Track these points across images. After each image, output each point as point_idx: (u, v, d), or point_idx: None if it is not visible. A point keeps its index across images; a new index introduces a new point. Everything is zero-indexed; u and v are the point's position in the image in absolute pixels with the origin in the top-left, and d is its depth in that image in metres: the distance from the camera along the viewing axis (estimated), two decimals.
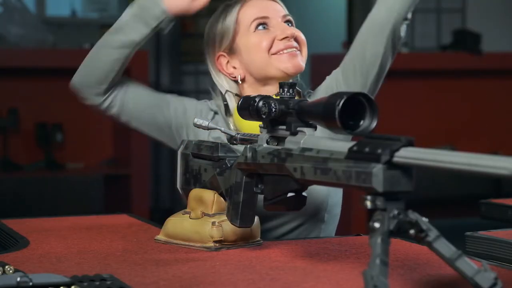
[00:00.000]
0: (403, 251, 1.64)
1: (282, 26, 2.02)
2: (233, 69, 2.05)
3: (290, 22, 2.06)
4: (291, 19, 2.07)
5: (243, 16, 2.03)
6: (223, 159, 1.73)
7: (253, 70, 2.02)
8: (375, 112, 1.35)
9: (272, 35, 2.01)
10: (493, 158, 1.09)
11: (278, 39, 2.00)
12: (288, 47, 2.00)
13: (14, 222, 2.00)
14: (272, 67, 2.00)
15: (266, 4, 2.05)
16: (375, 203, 1.21)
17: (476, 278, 1.18)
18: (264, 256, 1.62)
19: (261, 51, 2.00)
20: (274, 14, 2.03)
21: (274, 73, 2.00)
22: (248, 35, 2.02)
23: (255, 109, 1.54)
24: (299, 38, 2.04)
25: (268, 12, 2.03)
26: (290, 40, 2.01)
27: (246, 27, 2.02)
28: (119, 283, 1.35)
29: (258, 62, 2.01)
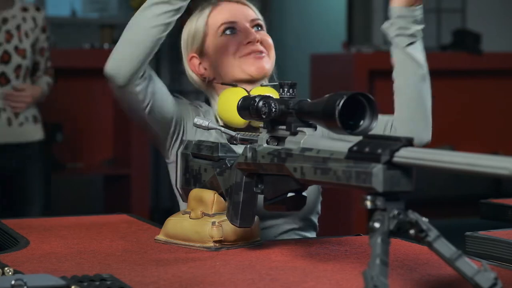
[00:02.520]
0: (403, 251, 1.64)
1: (248, 30, 2.06)
2: (204, 70, 2.10)
3: (259, 26, 2.10)
4: (260, 23, 2.10)
5: (213, 20, 2.08)
6: (223, 159, 1.73)
7: (220, 72, 2.07)
8: (375, 112, 1.36)
9: (239, 39, 2.05)
10: (493, 158, 1.09)
11: (243, 44, 2.04)
12: (253, 52, 2.04)
13: (14, 222, 2.00)
14: (238, 69, 2.04)
15: (235, 9, 2.09)
16: (375, 203, 1.21)
17: (476, 278, 1.18)
18: (264, 256, 1.62)
19: (228, 54, 2.04)
20: (242, 19, 2.07)
21: (240, 75, 2.04)
22: (216, 39, 2.06)
23: (255, 109, 1.54)
24: (265, 42, 2.07)
25: (236, 16, 2.07)
26: (254, 44, 2.04)
27: (215, 31, 2.07)
28: (119, 283, 1.35)
29: (224, 65, 2.05)
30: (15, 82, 3.76)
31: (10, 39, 3.76)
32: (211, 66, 2.08)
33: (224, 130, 1.75)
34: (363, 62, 5.92)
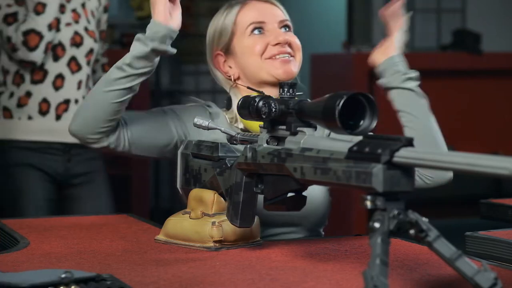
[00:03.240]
0: (403, 251, 1.64)
1: (276, 31, 2.03)
2: (229, 68, 2.06)
3: (287, 27, 2.07)
4: (288, 24, 2.08)
5: (241, 18, 2.04)
6: (223, 159, 1.73)
7: (246, 72, 2.03)
8: (375, 112, 1.36)
9: (267, 40, 2.02)
10: (493, 158, 1.09)
11: (271, 44, 2.01)
12: (281, 53, 2.01)
13: (14, 222, 2.00)
14: (264, 71, 2.01)
15: (264, 8, 2.06)
16: (375, 203, 1.21)
17: (476, 278, 1.18)
18: (264, 256, 1.62)
19: (254, 55, 2.01)
20: (270, 19, 2.04)
21: (266, 77, 2.01)
22: (244, 38, 2.03)
23: (255, 109, 1.54)
24: (294, 44, 2.04)
25: (265, 16, 2.04)
26: (283, 46, 2.01)
27: (243, 30, 2.03)
28: (119, 283, 1.35)
29: (251, 65, 2.02)
30: (86, 69, 3.02)
31: (78, 19, 3.04)
32: (237, 65, 2.04)
33: (224, 130, 1.74)
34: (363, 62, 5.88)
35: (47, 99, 2.95)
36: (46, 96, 2.95)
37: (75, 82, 2.98)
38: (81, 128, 1.92)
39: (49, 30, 2.90)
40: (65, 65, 2.97)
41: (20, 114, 2.96)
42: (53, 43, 2.95)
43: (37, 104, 2.95)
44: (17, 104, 2.95)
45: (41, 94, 2.95)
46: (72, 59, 2.98)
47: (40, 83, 2.95)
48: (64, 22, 2.98)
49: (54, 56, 2.96)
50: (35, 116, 2.95)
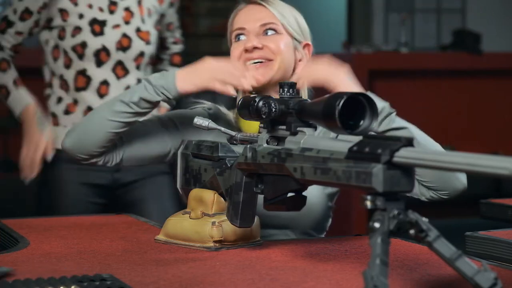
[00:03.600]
0: (403, 251, 1.64)
1: (249, 37, 2.02)
2: None
3: (270, 30, 2.04)
4: (273, 27, 2.04)
5: (232, 26, 2.06)
6: (223, 159, 1.73)
7: None
8: (375, 112, 1.36)
9: (242, 46, 2.02)
10: (493, 158, 1.09)
11: (243, 51, 2.01)
12: (250, 59, 2.00)
13: (14, 222, 2.00)
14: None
15: (250, 13, 2.05)
16: (375, 203, 1.21)
17: (476, 278, 1.18)
18: (264, 256, 1.62)
19: (235, 61, 2.01)
20: (251, 25, 2.03)
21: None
22: (232, 45, 2.05)
23: (255, 109, 1.54)
24: (271, 47, 2.01)
25: (246, 22, 2.03)
26: (251, 51, 2.00)
27: (231, 37, 2.06)
28: (119, 283, 1.35)
29: None
30: (135, 74, 2.76)
31: (130, 19, 2.76)
32: None
33: (224, 130, 1.74)
34: (363, 62, 5.92)
35: (92, 108, 2.68)
36: (91, 104, 2.71)
37: (121, 88, 2.73)
38: (74, 146, 1.94)
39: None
40: (110, 70, 2.73)
41: (66, 122, 2.73)
42: (96, 48, 2.71)
43: (82, 113, 2.71)
44: (65, 111, 2.74)
45: (85, 102, 2.71)
46: (118, 63, 2.74)
47: (84, 91, 2.72)
48: (111, 24, 2.73)
49: (97, 62, 2.72)
50: None
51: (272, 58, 2.00)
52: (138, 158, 2.00)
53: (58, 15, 2.71)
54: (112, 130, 1.91)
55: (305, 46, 2.08)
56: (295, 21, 2.07)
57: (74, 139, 1.94)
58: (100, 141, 1.92)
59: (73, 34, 2.70)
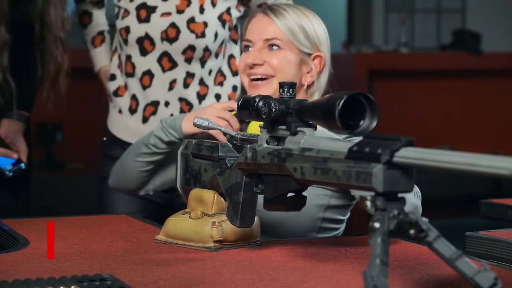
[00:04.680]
0: (403, 251, 1.64)
1: (251, 53, 2.08)
2: None
3: (275, 46, 2.07)
4: (276, 42, 2.06)
5: (244, 34, 2.13)
6: (223, 159, 1.73)
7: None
8: (375, 112, 1.36)
9: (246, 58, 2.09)
10: (493, 158, 1.09)
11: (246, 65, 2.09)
12: (251, 75, 2.08)
13: (14, 222, 2.00)
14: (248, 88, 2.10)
15: (258, 24, 2.09)
16: (375, 203, 1.21)
17: (476, 278, 1.18)
18: (264, 256, 1.62)
19: (241, 72, 2.12)
20: (257, 37, 2.08)
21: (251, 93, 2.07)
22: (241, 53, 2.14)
23: (255, 109, 1.54)
24: (272, 64, 2.06)
25: (253, 34, 2.09)
26: (251, 67, 2.07)
27: (242, 45, 2.13)
28: (119, 283, 1.35)
29: (242, 80, 2.13)
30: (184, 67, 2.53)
31: (184, 8, 2.51)
32: None
33: (224, 130, 1.75)
34: (363, 62, 5.92)
35: (136, 97, 2.56)
36: (135, 93, 2.56)
37: (166, 82, 2.53)
38: (118, 186, 2.25)
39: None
40: (155, 60, 2.54)
41: (115, 104, 2.62)
42: (138, 35, 2.52)
43: (129, 99, 2.58)
44: (115, 91, 2.61)
45: (132, 89, 2.56)
46: (164, 54, 2.53)
47: (131, 77, 2.57)
48: (161, 11, 2.51)
49: (141, 50, 2.54)
50: (124, 112, 2.59)
51: (273, 74, 2.06)
52: (168, 182, 2.21)
53: None
54: (141, 169, 2.16)
55: (316, 57, 2.08)
56: (303, 33, 2.08)
57: (116, 180, 2.23)
58: (135, 179, 2.18)
59: (122, 17, 2.58)
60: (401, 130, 5.62)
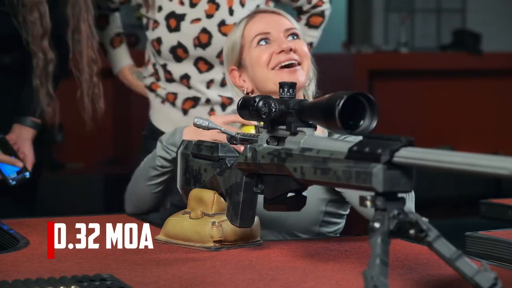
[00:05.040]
0: (403, 251, 1.64)
1: (281, 40, 2.04)
2: (243, 82, 2.08)
3: (295, 35, 2.07)
4: (296, 32, 2.07)
5: (248, 32, 2.06)
6: (223, 159, 1.73)
7: (257, 84, 2.04)
8: (375, 112, 1.36)
9: (271, 49, 2.02)
10: (493, 158, 1.09)
11: (276, 53, 2.02)
12: (286, 60, 2.01)
13: (14, 222, 2.00)
14: (271, 82, 2.00)
15: (270, 19, 2.08)
16: (375, 203, 1.21)
17: (476, 278, 1.18)
18: (264, 256, 1.62)
19: (261, 65, 2.02)
20: (276, 29, 2.05)
21: (274, 88, 1.94)
22: (251, 50, 2.04)
23: (255, 109, 1.54)
24: (300, 50, 2.04)
25: (270, 27, 2.05)
26: (287, 53, 2.01)
27: (250, 42, 2.05)
28: (119, 283, 1.35)
29: (259, 77, 2.03)
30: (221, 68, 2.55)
31: (214, 12, 2.52)
32: (249, 78, 2.06)
33: (224, 130, 1.75)
34: (363, 62, 5.92)
35: (175, 92, 2.61)
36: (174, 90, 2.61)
37: (204, 81, 2.58)
38: (134, 211, 2.19)
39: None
40: (191, 65, 2.58)
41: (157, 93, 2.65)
42: (171, 44, 2.56)
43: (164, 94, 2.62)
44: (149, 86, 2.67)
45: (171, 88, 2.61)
46: (199, 59, 2.57)
47: (172, 82, 2.61)
48: (190, 18, 2.54)
49: (175, 58, 2.58)
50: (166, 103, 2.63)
51: (301, 61, 2.04)
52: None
53: (142, 4, 2.62)
54: (154, 190, 2.12)
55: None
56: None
57: (134, 206, 2.20)
58: (152, 202, 2.15)
59: (153, 28, 2.58)
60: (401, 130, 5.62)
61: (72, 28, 2.43)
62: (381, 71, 5.97)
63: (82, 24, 2.44)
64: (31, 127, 2.53)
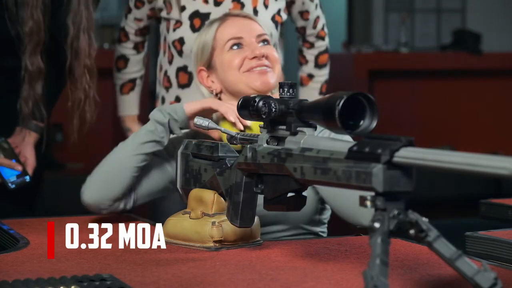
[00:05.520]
0: (403, 251, 1.64)
1: (253, 45, 2.10)
2: (212, 83, 2.13)
3: (265, 41, 2.13)
4: (266, 38, 2.13)
5: (220, 35, 2.12)
6: (223, 159, 1.73)
7: (227, 86, 2.10)
8: (375, 112, 1.36)
9: (244, 54, 2.09)
10: (493, 158, 1.09)
11: (248, 58, 2.08)
12: (258, 66, 2.07)
13: (14, 222, 2.00)
14: (243, 84, 2.07)
15: (242, 24, 2.13)
16: (375, 203, 1.21)
17: (476, 278, 1.18)
18: (264, 256, 1.62)
19: (233, 69, 2.08)
20: (248, 34, 2.11)
21: (244, 89, 2.06)
22: (223, 53, 2.10)
23: (255, 109, 1.54)
24: (271, 56, 2.10)
25: (243, 32, 2.11)
26: (260, 59, 2.08)
27: (222, 46, 2.11)
28: (119, 283, 1.35)
29: (230, 79, 2.09)
30: None
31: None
32: (218, 79, 2.11)
33: (224, 130, 1.75)
34: (363, 62, 5.92)
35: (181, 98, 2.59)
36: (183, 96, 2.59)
37: None
38: (98, 195, 2.00)
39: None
40: None
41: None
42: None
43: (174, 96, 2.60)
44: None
45: (188, 99, 2.47)
46: None
47: (187, 87, 2.59)
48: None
49: None
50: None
51: (272, 66, 2.10)
52: (149, 194, 2.06)
53: (164, 6, 2.59)
54: (137, 164, 1.97)
55: None
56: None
57: (97, 188, 2.00)
58: (125, 180, 1.98)
59: (174, 28, 2.56)
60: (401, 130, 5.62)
61: (71, 37, 2.42)
62: (381, 71, 5.98)
63: (81, 33, 2.43)
64: (33, 131, 2.53)
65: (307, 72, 2.75)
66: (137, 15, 2.66)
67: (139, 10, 2.65)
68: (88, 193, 2.01)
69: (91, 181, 2.02)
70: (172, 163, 2.05)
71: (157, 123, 1.98)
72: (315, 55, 2.78)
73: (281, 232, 2.03)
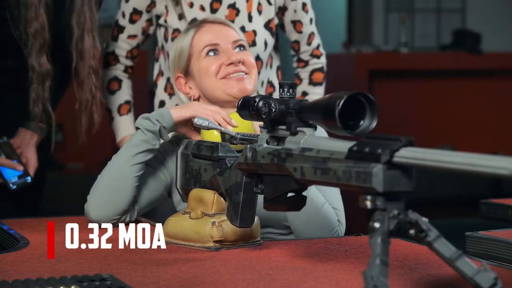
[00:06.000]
0: (403, 251, 1.64)
1: (230, 52, 2.11)
2: (189, 89, 2.14)
3: (241, 47, 2.14)
4: (242, 43, 2.15)
5: (197, 41, 2.13)
6: (223, 159, 1.73)
7: (204, 92, 2.11)
8: (375, 112, 1.36)
9: (221, 60, 2.10)
10: (493, 158, 1.09)
11: (225, 65, 2.09)
12: (235, 72, 2.08)
13: (14, 222, 2.00)
14: (220, 90, 2.08)
15: (219, 30, 2.15)
16: (375, 203, 1.21)
17: (476, 278, 1.18)
18: (264, 256, 1.62)
19: (210, 75, 2.09)
20: (224, 40, 2.12)
21: (222, 96, 2.08)
22: (200, 60, 2.12)
23: (255, 109, 1.54)
24: (247, 62, 2.11)
25: (219, 38, 2.13)
26: (236, 65, 2.09)
27: (199, 52, 2.12)
28: (119, 283, 1.35)
29: (207, 86, 2.10)
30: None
31: (234, 17, 2.48)
32: (196, 86, 2.13)
33: (224, 130, 1.75)
34: (363, 62, 5.92)
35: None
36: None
37: None
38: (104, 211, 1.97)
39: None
40: None
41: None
42: None
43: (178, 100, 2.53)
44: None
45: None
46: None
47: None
48: None
49: None
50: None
51: (248, 72, 2.11)
52: (150, 203, 2.05)
53: (163, 13, 2.54)
54: (136, 174, 1.96)
55: None
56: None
57: (101, 205, 1.97)
58: (129, 192, 1.96)
59: (172, 38, 2.50)
60: (401, 130, 5.62)
61: (76, 38, 2.41)
62: (381, 71, 5.97)
63: (86, 34, 2.42)
64: (35, 132, 2.52)
65: (301, 90, 2.68)
66: (131, 31, 2.59)
67: (134, 25, 2.58)
68: (94, 212, 1.98)
69: (94, 199, 1.99)
70: (163, 170, 2.06)
71: (148, 132, 1.97)
72: (310, 71, 2.69)
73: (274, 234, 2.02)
